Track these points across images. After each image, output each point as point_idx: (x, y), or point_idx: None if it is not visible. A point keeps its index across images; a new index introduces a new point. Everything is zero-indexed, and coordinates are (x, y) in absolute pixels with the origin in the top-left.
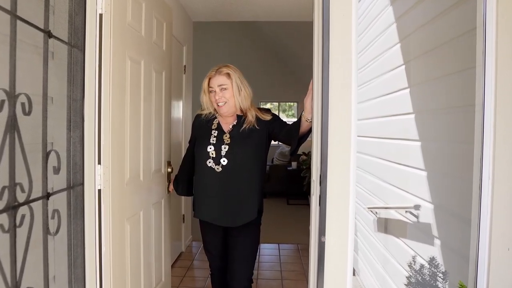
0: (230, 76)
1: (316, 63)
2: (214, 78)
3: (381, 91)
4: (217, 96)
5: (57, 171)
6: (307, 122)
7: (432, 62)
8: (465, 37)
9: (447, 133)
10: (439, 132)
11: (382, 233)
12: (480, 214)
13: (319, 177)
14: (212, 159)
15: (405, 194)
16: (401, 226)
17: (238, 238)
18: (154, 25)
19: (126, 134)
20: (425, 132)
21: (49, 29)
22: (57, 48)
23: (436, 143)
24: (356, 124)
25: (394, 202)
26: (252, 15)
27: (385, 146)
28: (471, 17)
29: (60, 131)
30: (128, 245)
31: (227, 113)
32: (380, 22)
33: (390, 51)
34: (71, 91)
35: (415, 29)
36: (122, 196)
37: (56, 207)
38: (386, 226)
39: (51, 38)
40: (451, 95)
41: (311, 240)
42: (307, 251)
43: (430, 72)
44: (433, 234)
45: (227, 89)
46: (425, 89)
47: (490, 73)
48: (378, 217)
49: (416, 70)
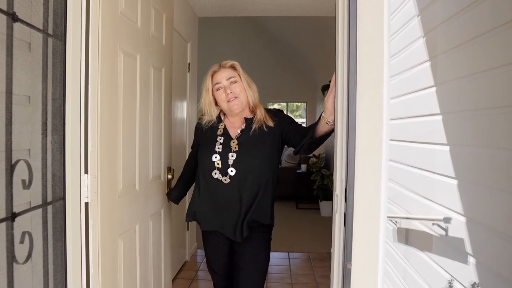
0: (236, 68)
1: (340, 54)
2: (220, 72)
3: (403, 90)
4: (227, 90)
5: (28, 185)
6: (328, 124)
7: (463, 57)
8: (505, 28)
9: (485, 137)
10: (474, 136)
11: (402, 244)
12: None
13: (344, 191)
14: (218, 169)
15: (429, 203)
16: (426, 238)
17: (245, 255)
18: (152, 16)
19: (119, 138)
20: (456, 136)
21: (13, 11)
22: (25, 35)
23: (470, 149)
24: (388, 127)
25: (417, 211)
26: (261, 9)
27: (406, 150)
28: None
29: (32, 136)
30: (121, 264)
31: (239, 109)
32: (401, 15)
33: (413, 46)
34: (46, 89)
35: (443, 21)
36: (114, 209)
37: (26, 229)
38: (407, 237)
39: (17, 22)
40: (490, 94)
41: (333, 265)
42: (319, 261)
43: (461, 68)
44: (466, 251)
45: (237, 82)
46: (455, 88)
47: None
48: (398, 226)
49: (444, 67)
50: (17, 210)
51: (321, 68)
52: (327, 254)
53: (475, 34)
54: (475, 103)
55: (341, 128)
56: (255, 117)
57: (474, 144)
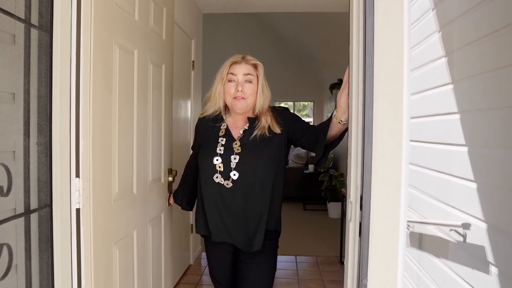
0: (257, 68)
1: (355, 44)
2: (240, 65)
3: (417, 87)
4: (239, 87)
5: (6, 192)
6: (340, 124)
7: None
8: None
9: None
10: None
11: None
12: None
13: (360, 198)
14: (220, 173)
15: (446, 208)
16: (441, 244)
17: (250, 265)
18: (151, 9)
19: (114, 138)
20: (475, 136)
21: None
22: (8, 26)
23: (491, 150)
24: (409, 127)
25: (432, 216)
26: (268, 5)
27: (420, 151)
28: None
29: (12, 138)
30: (117, 274)
31: (241, 111)
32: (416, 8)
33: (427, 41)
34: (29, 85)
35: (460, 14)
36: (109, 215)
37: (4, 240)
38: (421, 242)
39: None
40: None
41: (346, 280)
42: (328, 265)
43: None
44: (488, 259)
45: (251, 83)
46: (475, 85)
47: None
48: (411, 230)
49: (462, 63)
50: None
51: (328, 66)
52: (336, 257)
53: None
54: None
55: (355, 128)
56: (259, 124)
57: (496, 145)
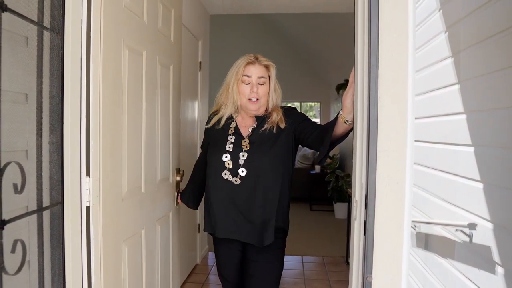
0: (270, 70)
1: (360, 45)
2: (254, 67)
3: (423, 88)
4: (254, 88)
5: (20, 189)
6: (346, 124)
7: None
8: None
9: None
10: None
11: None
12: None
13: (365, 197)
14: (229, 170)
15: (451, 208)
16: (447, 244)
17: (258, 263)
18: (159, 11)
19: (123, 138)
20: (481, 136)
21: (1, 0)
22: (21, 29)
23: (497, 150)
24: (413, 126)
25: (438, 216)
26: (275, 6)
27: (426, 151)
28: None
29: (26, 137)
30: (125, 272)
31: (255, 112)
32: (422, 8)
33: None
34: (41, 86)
35: (467, 14)
36: (118, 214)
37: (18, 236)
38: (427, 242)
39: (6, 12)
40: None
41: (351, 278)
42: (334, 265)
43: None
44: (494, 259)
45: (264, 85)
46: (481, 85)
47: None
48: (417, 231)
49: (468, 63)
50: (9, 216)
51: (335, 67)
52: (342, 258)
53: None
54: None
55: (361, 128)
56: (270, 118)
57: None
